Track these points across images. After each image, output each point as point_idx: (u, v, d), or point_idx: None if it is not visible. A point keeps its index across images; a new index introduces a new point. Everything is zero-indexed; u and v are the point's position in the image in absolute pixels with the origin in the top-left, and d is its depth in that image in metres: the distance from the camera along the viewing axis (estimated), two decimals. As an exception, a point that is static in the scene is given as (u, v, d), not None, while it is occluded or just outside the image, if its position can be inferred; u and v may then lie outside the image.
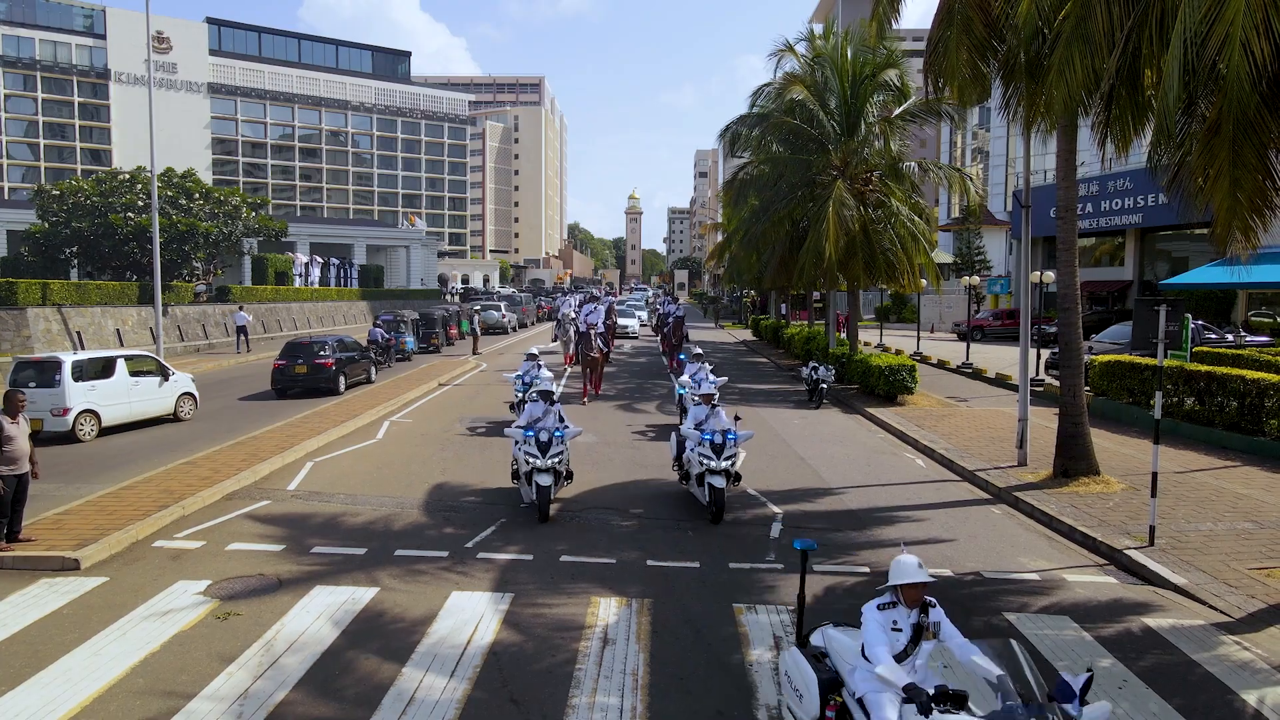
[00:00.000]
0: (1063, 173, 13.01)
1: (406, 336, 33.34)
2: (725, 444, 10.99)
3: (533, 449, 11.02)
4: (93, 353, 19.05)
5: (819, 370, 21.76)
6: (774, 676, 6.76)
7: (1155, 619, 8.01)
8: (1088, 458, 12.85)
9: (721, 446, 10.95)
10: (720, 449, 10.94)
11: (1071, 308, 12.99)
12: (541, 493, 10.90)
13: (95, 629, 7.56)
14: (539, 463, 10.97)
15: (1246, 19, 6.78)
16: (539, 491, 10.94)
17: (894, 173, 23.59)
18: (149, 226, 32.05)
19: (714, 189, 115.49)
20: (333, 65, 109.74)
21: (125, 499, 11.44)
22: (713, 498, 10.86)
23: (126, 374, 17.63)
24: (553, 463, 11.05)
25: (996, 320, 39.61)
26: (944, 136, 53.34)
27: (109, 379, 17.23)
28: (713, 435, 11.10)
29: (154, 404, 18.33)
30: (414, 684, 6.60)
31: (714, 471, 10.91)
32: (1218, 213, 7.93)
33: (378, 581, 8.81)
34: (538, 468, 11.00)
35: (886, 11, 12.91)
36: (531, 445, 11.04)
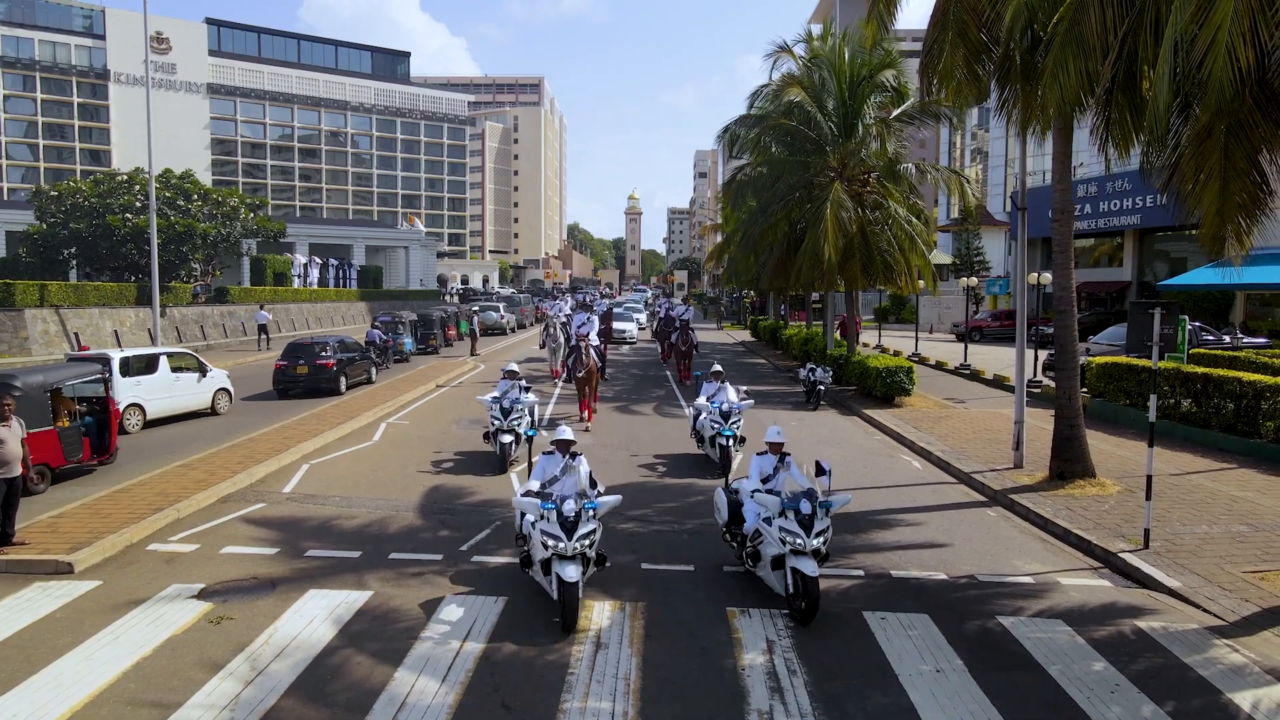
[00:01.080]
0: (1058, 174, 13.01)
1: (404, 338, 33.34)
2: (815, 516, 8.01)
3: (554, 528, 7.84)
4: (137, 350, 20.27)
5: (816, 372, 21.75)
6: (766, 681, 6.76)
7: (1149, 622, 8.01)
8: (1083, 460, 12.85)
9: (811, 519, 7.98)
10: (809, 523, 7.95)
11: (1067, 310, 12.99)
12: (568, 591, 7.61)
13: (88, 633, 7.55)
14: (563, 547, 7.75)
15: (1234, 26, 6.78)
16: (562, 589, 7.65)
17: (891, 174, 23.61)
18: (147, 227, 32.06)
19: (713, 189, 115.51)
20: (332, 66, 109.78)
21: (120, 502, 11.43)
22: (800, 589, 7.86)
23: (169, 370, 18.75)
24: (581, 547, 7.84)
25: (995, 321, 39.58)
26: (943, 137, 53.29)
27: (152, 375, 18.31)
28: (798, 502, 8.10)
29: (193, 398, 19.44)
30: (406, 688, 6.60)
31: (800, 553, 7.90)
32: (1206, 215, 7.95)
33: (371, 585, 8.80)
34: (560, 554, 7.78)
35: (883, 14, 12.90)
36: (552, 523, 7.89)
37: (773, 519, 8.15)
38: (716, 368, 15.51)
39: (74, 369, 14.09)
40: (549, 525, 7.89)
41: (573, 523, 7.89)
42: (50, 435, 12.82)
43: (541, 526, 7.93)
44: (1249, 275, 24.24)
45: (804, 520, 7.94)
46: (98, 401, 14.28)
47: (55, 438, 12.96)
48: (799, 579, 7.82)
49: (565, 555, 7.77)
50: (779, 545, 7.98)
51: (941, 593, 8.82)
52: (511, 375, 15.07)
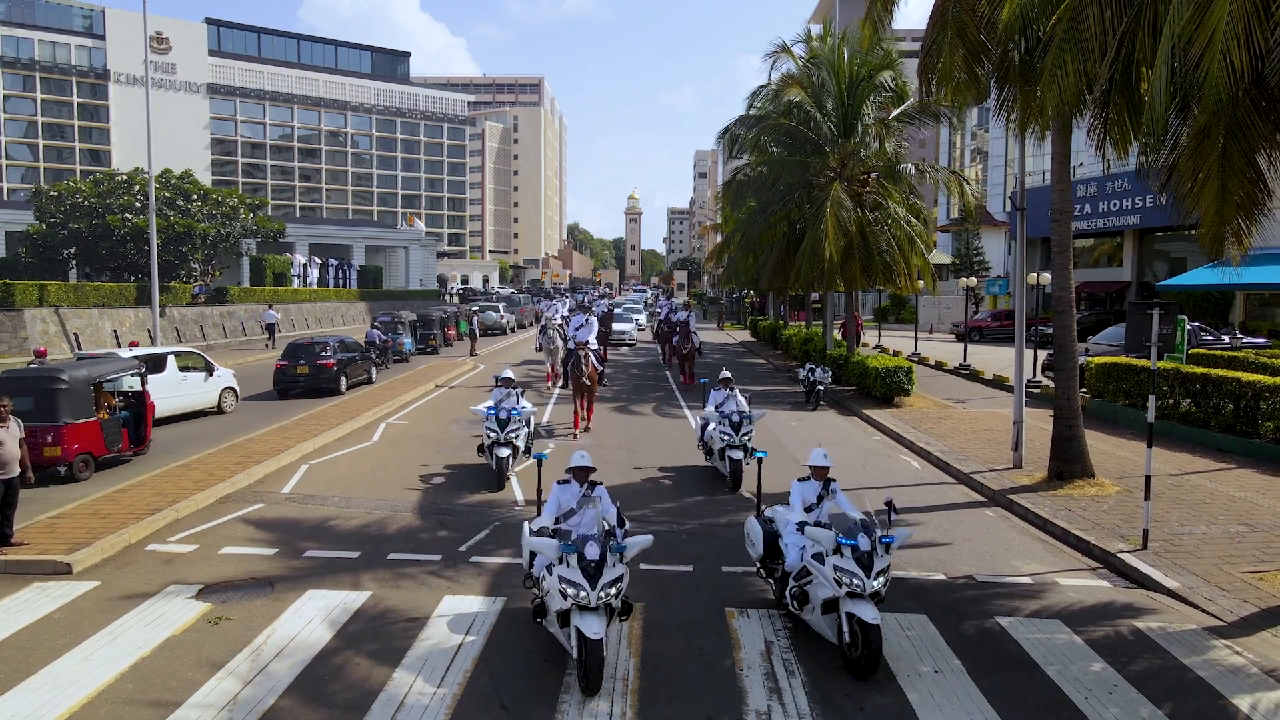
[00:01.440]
0: (1056, 175, 13.02)
1: (404, 338, 33.34)
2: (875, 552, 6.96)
3: (575, 574, 6.60)
4: (146, 349, 20.47)
5: (816, 372, 21.75)
6: (764, 681, 6.77)
7: (1147, 623, 8.01)
8: (1082, 460, 12.85)
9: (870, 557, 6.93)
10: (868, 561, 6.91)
11: (1066, 310, 12.99)
12: (590, 649, 6.45)
13: (86, 633, 7.55)
14: (586, 597, 6.54)
15: (1229, 29, 6.79)
16: (584, 647, 6.49)
17: (891, 174, 23.61)
18: (146, 228, 32.07)
19: (713, 189, 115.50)
20: (332, 66, 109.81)
21: (119, 502, 11.43)
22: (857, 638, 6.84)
23: (176, 369, 18.97)
24: (607, 596, 6.60)
25: (995, 321, 39.58)
26: (943, 137, 53.30)
27: (160, 374, 18.33)
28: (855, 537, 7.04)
29: (200, 397, 19.62)
30: (404, 689, 6.60)
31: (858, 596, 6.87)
32: (1205, 215, 7.95)
33: (370, 585, 8.81)
34: (582, 604, 6.57)
35: (880, 15, 12.90)
36: (573, 569, 6.64)
37: (825, 555, 7.08)
38: (725, 374, 14.17)
39: (114, 364, 14.79)
40: (569, 571, 6.63)
41: (597, 568, 6.64)
42: (93, 426, 13.60)
43: (560, 572, 6.68)
44: (1248, 275, 24.24)
45: (862, 558, 6.90)
46: (134, 395, 15.01)
47: (98, 429, 13.69)
48: (856, 626, 6.79)
49: (588, 606, 6.54)
50: (832, 587, 6.94)
51: (940, 593, 8.82)
52: (507, 383, 13.85)
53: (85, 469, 13.43)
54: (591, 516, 7.40)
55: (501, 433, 12.85)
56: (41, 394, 13.00)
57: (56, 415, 12.96)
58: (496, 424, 12.87)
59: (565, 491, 7.76)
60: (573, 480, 7.79)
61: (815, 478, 8.11)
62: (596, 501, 7.54)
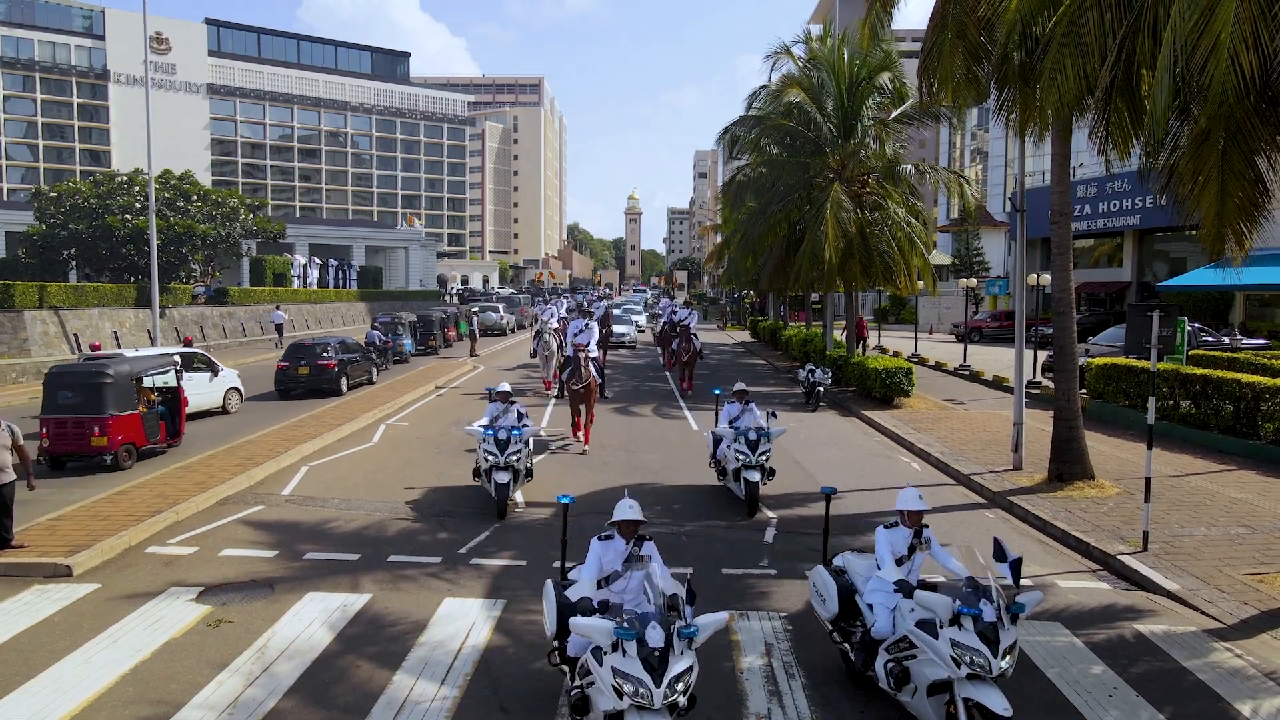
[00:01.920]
0: (1056, 176, 13.02)
1: (404, 339, 33.36)
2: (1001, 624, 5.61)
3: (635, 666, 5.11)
4: (152, 349, 20.73)
5: (816, 373, 21.75)
6: (765, 684, 6.77)
7: (1147, 625, 8.01)
8: (1082, 462, 12.85)
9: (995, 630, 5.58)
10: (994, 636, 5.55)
11: (1066, 311, 12.99)
12: None
13: (86, 636, 7.55)
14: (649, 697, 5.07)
15: (1235, 31, 6.78)
16: None
17: (891, 175, 23.61)
18: (147, 228, 32.07)
19: (713, 190, 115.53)
20: (332, 66, 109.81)
21: (119, 504, 11.43)
22: None
23: None
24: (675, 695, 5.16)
25: (994, 322, 39.59)
26: (943, 138, 53.34)
27: None
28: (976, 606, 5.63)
29: (205, 397, 19.56)
30: (405, 691, 6.60)
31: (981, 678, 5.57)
32: (1206, 218, 7.96)
33: (370, 588, 8.81)
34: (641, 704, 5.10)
35: (879, 16, 12.90)
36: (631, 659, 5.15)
37: (938, 626, 5.71)
38: (740, 386, 12.87)
39: (152, 361, 15.83)
40: (626, 663, 5.10)
41: (661, 658, 5.13)
42: (135, 419, 14.52)
43: (614, 663, 5.13)
44: (1248, 276, 24.25)
45: (986, 631, 5.52)
46: (168, 390, 15.96)
47: (139, 421, 14.63)
48: (977, 714, 5.48)
49: (650, 708, 5.08)
50: (948, 666, 5.58)
51: (940, 595, 8.80)
52: (504, 397, 12.30)
53: (129, 458, 14.31)
54: (639, 581, 6.18)
55: (501, 456, 11.34)
56: (89, 388, 13.96)
57: (103, 408, 13.90)
58: (495, 445, 11.36)
59: (608, 549, 6.30)
60: (615, 535, 6.34)
61: (906, 524, 6.69)
62: (646, 563, 6.17)
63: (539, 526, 11.15)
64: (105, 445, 13.91)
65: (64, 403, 13.92)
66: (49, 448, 14.03)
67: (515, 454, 11.45)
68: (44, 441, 14.04)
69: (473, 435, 12.09)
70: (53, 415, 13.95)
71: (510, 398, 12.29)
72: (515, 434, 11.48)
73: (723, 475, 12.62)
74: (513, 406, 12.09)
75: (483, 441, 11.65)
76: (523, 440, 11.66)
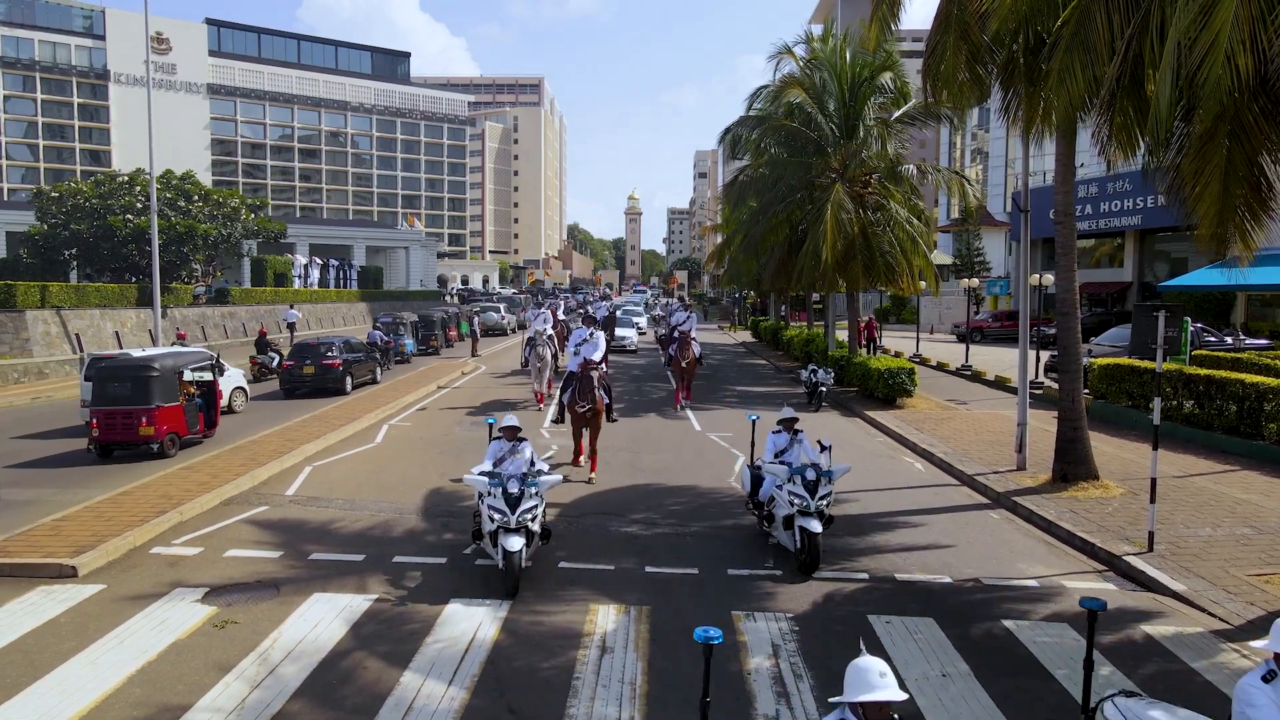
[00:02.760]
0: (1060, 177, 13.00)
1: (405, 339, 33.36)
2: None
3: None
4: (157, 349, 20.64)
5: (818, 373, 21.75)
6: (772, 686, 6.75)
7: (1154, 626, 8.00)
8: (1087, 462, 12.84)
9: None
10: None
11: (1070, 312, 12.98)
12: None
13: (92, 637, 7.54)
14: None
15: (1233, 32, 6.78)
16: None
17: (893, 175, 23.60)
18: (148, 228, 32.05)
19: (714, 190, 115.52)
20: (332, 66, 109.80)
21: (124, 505, 11.42)
22: None
23: None
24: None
25: (996, 322, 39.61)
26: (943, 138, 53.31)
27: None
28: None
29: None
30: (412, 692, 6.59)
31: None
32: (1207, 217, 7.96)
33: (376, 588, 8.79)
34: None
35: (886, 16, 12.88)
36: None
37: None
38: (788, 413, 10.58)
39: (191, 355, 16.97)
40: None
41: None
42: (178, 410, 15.39)
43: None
44: (1250, 276, 24.25)
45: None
46: (204, 384, 16.82)
47: (181, 412, 15.48)
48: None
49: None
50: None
51: (946, 596, 8.81)
52: (511, 434, 9.83)
53: (173, 446, 15.26)
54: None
55: (512, 515, 8.59)
56: (137, 380, 14.84)
57: (150, 399, 14.81)
58: (504, 501, 8.66)
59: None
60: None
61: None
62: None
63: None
64: (152, 434, 14.79)
65: (113, 394, 14.78)
66: (99, 437, 14.83)
67: (530, 512, 8.79)
68: (94, 431, 14.82)
69: (473, 487, 9.35)
70: (102, 406, 14.77)
71: (519, 434, 9.87)
72: (531, 486, 8.88)
73: (767, 522, 10.26)
74: (522, 445, 9.81)
75: (487, 495, 8.90)
76: (539, 494, 9.05)
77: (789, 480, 9.53)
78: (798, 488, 9.40)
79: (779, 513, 7.80)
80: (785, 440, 10.39)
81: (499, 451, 9.78)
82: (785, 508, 9.54)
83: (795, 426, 10.46)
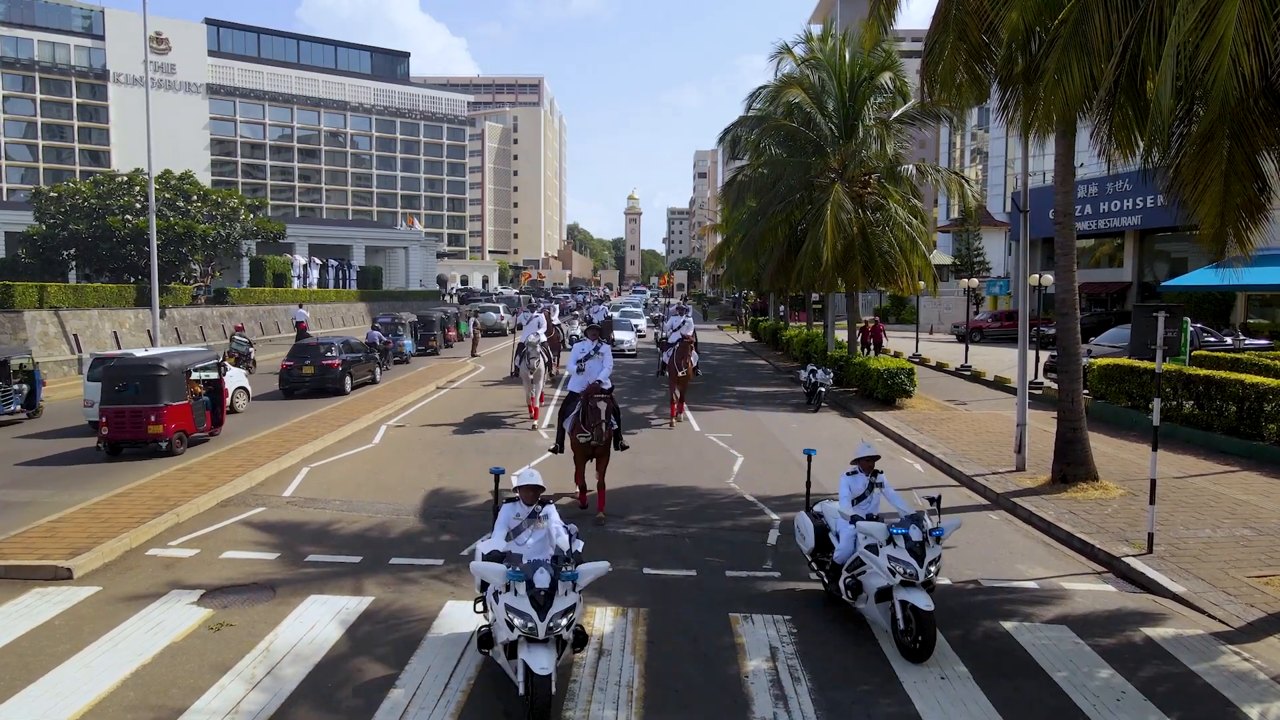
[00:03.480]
0: (1060, 177, 12.97)
1: (404, 339, 33.34)
2: None
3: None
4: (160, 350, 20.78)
5: (817, 373, 21.72)
6: (770, 688, 6.73)
7: (1154, 628, 7.97)
8: (1086, 463, 12.81)
9: None
10: None
11: (1069, 313, 12.95)
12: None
13: (87, 640, 7.50)
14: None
15: (1237, 34, 6.75)
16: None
17: (892, 175, 23.58)
18: (146, 229, 32.01)
19: (713, 190, 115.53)
20: (331, 66, 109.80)
21: (120, 506, 11.38)
22: None
23: None
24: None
25: (995, 322, 39.58)
26: (943, 138, 53.27)
27: None
28: None
29: None
30: (409, 695, 6.56)
31: None
32: (1208, 217, 7.94)
33: (373, 590, 8.76)
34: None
35: (883, 16, 12.86)
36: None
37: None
38: (866, 449, 8.49)
39: (198, 355, 17.20)
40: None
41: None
42: (186, 409, 15.59)
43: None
44: (1250, 276, 24.22)
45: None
46: (210, 383, 16.98)
47: (189, 411, 15.69)
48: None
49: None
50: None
51: (945, 597, 8.77)
52: (532, 495, 7.17)
53: (181, 444, 15.39)
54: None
55: (542, 622, 5.99)
56: (146, 379, 15.01)
57: (158, 398, 14.98)
58: (529, 602, 6.04)
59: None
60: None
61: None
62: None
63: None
64: (161, 433, 14.94)
65: (122, 393, 14.89)
66: (108, 435, 14.96)
67: (566, 615, 6.11)
68: (103, 429, 14.96)
69: (483, 576, 6.65)
70: (112, 405, 14.89)
71: (542, 494, 7.26)
72: (567, 579, 6.16)
73: (850, 592, 7.91)
74: (546, 512, 7.17)
75: (504, 590, 6.22)
76: (573, 585, 6.22)
77: (888, 542, 7.38)
78: (900, 552, 7.24)
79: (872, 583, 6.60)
80: (863, 484, 8.31)
81: (514, 520, 7.15)
82: (882, 577, 7.42)
83: (876, 466, 8.45)
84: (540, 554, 6.71)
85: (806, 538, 8.54)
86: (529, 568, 6.15)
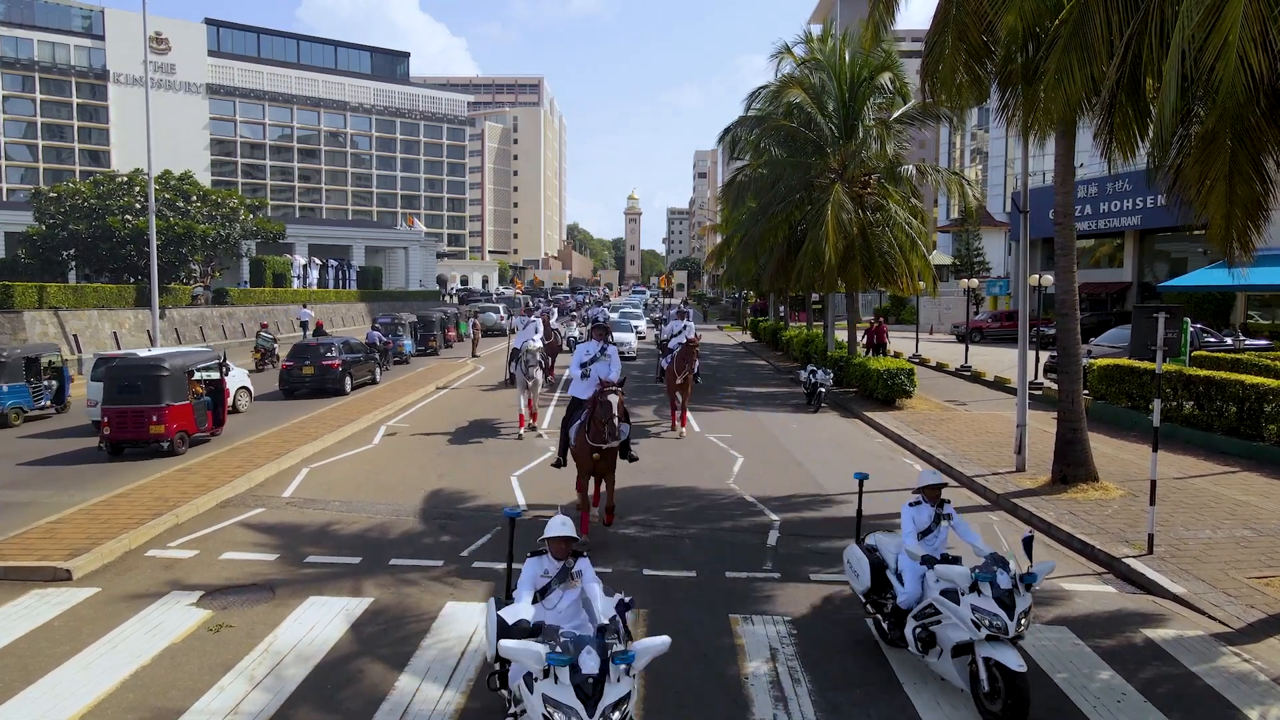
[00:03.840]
0: (1060, 178, 12.96)
1: (404, 339, 33.34)
2: None
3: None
4: (163, 349, 20.97)
5: (817, 374, 21.71)
6: (770, 690, 6.72)
7: (1154, 630, 7.96)
8: (1086, 464, 12.80)
9: None
10: None
11: (1070, 313, 12.94)
12: None
13: (86, 641, 7.49)
14: None
15: (1244, 31, 6.73)
16: None
17: (892, 176, 23.57)
18: (146, 229, 32.01)
19: (713, 190, 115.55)
20: (331, 66, 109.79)
21: (119, 507, 11.37)
22: None
23: None
24: None
25: (995, 322, 39.56)
26: (943, 138, 53.27)
27: None
28: None
29: None
30: (409, 696, 6.55)
31: None
32: (1213, 218, 7.92)
33: (372, 591, 8.76)
34: None
35: (882, 16, 12.85)
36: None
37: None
38: (932, 478, 7.26)
39: (200, 356, 17.30)
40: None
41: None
42: (187, 409, 15.67)
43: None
44: (1250, 277, 24.18)
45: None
46: (211, 383, 17.13)
47: (190, 411, 15.76)
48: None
49: None
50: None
51: (945, 599, 8.76)
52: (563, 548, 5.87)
53: (182, 444, 15.45)
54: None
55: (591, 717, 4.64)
56: (148, 380, 15.06)
57: (160, 398, 15.03)
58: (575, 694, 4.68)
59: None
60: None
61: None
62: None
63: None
64: (162, 433, 15.01)
65: (124, 394, 14.94)
66: (110, 435, 15.00)
67: (618, 707, 4.75)
68: (105, 429, 15.00)
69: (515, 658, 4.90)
70: (114, 405, 14.94)
71: (573, 545, 5.95)
72: (620, 662, 4.77)
73: (917, 644, 6.76)
74: (580, 565, 5.90)
75: (538, 679, 4.83)
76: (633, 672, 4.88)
77: (971, 589, 6.21)
78: (987, 602, 6.11)
79: (949, 636, 5.86)
80: (928, 517, 7.15)
81: (541, 579, 5.90)
82: (962, 630, 6.26)
83: (941, 495, 7.24)
84: (574, 620, 5.56)
85: (860, 575, 7.25)
86: (573, 645, 4.77)
